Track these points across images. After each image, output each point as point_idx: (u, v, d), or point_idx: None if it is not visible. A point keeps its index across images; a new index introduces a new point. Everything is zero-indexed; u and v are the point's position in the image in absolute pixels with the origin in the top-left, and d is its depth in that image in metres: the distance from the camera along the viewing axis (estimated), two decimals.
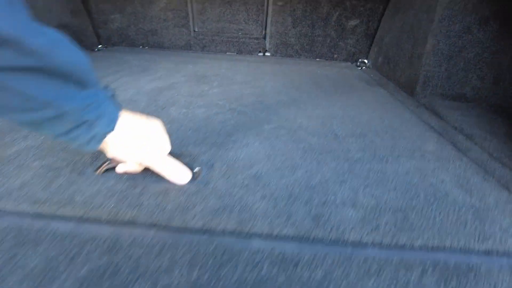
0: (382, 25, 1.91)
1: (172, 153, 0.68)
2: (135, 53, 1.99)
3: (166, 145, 0.64)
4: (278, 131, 0.96)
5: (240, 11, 2.07)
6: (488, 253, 0.54)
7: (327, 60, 2.14)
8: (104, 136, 0.54)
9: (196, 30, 2.14)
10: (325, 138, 0.94)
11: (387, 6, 1.89)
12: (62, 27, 1.78)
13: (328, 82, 1.61)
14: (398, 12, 1.72)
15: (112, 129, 0.55)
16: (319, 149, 0.87)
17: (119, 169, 0.65)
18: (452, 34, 1.30)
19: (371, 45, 2.05)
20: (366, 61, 2.07)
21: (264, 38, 2.14)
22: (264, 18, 2.09)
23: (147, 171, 0.66)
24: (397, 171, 0.78)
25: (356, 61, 2.11)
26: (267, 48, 2.15)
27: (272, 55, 2.15)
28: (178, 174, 0.64)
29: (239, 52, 2.16)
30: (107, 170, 0.67)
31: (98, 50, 2.07)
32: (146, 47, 2.17)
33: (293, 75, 1.71)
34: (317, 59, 2.16)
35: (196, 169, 0.70)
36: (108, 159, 0.66)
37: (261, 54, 2.17)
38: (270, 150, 0.84)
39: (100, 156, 0.73)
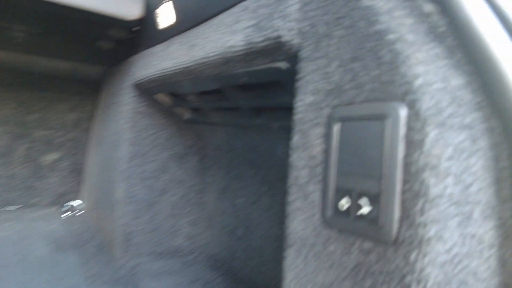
0: (89, 159, 1.54)
1: None
2: None
3: None
4: None
5: None
6: None
7: (22, 206, 1.52)
8: None
9: None
10: None
11: (91, 137, 1.56)
12: None
13: None
14: (99, 144, 1.40)
15: None
16: None
17: None
18: (147, 175, 1.04)
19: (82, 182, 1.62)
20: (76, 203, 1.59)
21: None
22: None
23: None
24: None
25: (66, 203, 1.60)
26: None
27: None
28: None
29: None
30: None
31: None
32: None
33: None
34: (7, 207, 1.50)
35: None
36: None
37: None
38: None
39: None
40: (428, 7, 0.33)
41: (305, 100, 0.42)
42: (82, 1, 0.82)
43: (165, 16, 0.81)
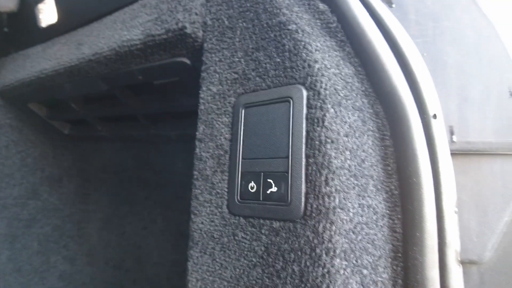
0: None
1: None
2: None
3: None
4: None
5: None
6: None
7: None
8: None
9: None
10: None
11: None
12: None
13: None
14: None
15: None
16: None
17: None
18: (10, 202, 0.86)
19: None
20: None
21: None
22: None
23: None
24: None
25: None
26: None
27: None
28: None
29: None
30: None
31: None
32: None
33: None
34: None
35: None
36: None
37: None
38: None
39: None
40: (322, 6, 0.37)
41: (210, 91, 0.42)
42: None
43: (47, 13, 0.73)
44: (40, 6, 0.74)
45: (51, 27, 0.73)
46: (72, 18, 0.68)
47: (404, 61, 0.35)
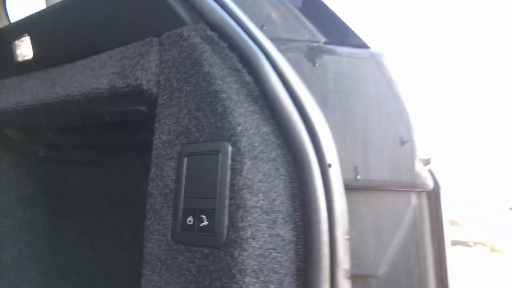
0: None
1: None
2: None
3: None
4: None
5: None
6: None
7: None
8: None
9: None
10: None
11: None
12: None
13: None
14: None
15: None
16: None
17: None
18: None
19: None
20: None
21: None
22: None
23: None
24: None
25: None
26: None
27: None
28: None
29: None
30: None
31: None
32: None
33: None
34: None
35: None
36: None
37: None
38: None
39: None
40: (248, 78, 0.49)
41: (161, 139, 0.52)
42: None
43: (24, 49, 0.82)
44: (17, 42, 0.83)
45: (27, 62, 0.82)
46: (47, 57, 0.77)
47: (308, 122, 0.47)
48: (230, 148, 0.44)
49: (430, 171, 0.55)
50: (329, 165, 0.47)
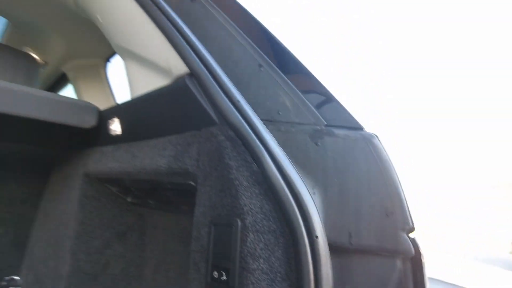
0: (34, 234, 1.70)
1: None
2: None
3: None
4: None
5: None
6: None
7: None
8: None
9: None
10: None
11: (38, 213, 1.73)
12: None
13: None
14: (47, 221, 1.59)
15: None
16: None
17: None
18: (93, 250, 1.26)
19: (23, 257, 1.74)
20: (15, 278, 1.70)
21: None
22: None
23: None
24: None
25: (5, 277, 1.70)
26: None
27: None
28: None
29: None
30: None
31: None
32: None
33: None
34: None
35: None
36: None
37: None
38: None
39: None
40: (255, 167, 0.66)
41: (199, 209, 0.73)
42: (42, 113, 1.10)
43: (115, 127, 1.12)
44: (111, 121, 1.14)
45: (117, 135, 1.11)
46: (129, 134, 1.05)
47: (300, 202, 0.62)
48: (239, 223, 0.62)
49: (413, 240, 0.65)
50: (316, 237, 0.61)
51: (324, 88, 0.79)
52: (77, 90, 2.25)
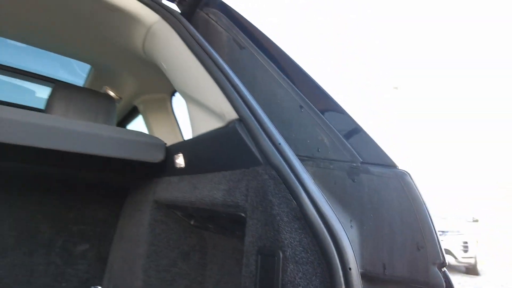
0: (113, 251, 1.95)
1: None
2: None
3: None
4: None
5: None
6: None
7: None
8: None
9: None
10: None
11: (116, 232, 1.98)
12: None
13: None
14: (122, 240, 1.82)
15: None
16: None
17: None
18: (161, 268, 1.43)
19: (105, 270, 2.00)
20: (99, 287, 1.96)
21: None
22: None
23: None
24: None
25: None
26: None
27: None
28: None
29: None
30: None
31: None
32: None
33: None
34: None
35: None
36: None
37: None
38: None
39: None
40: (294, 204, 0.76)
41: (248, 239, 0.84)
42: (120, 152, 1.30)
43: (179, 161, 1.29)
44: (176, 156, 1.31)
45: (181, 168, 1.28)
46: (192, 167, 1.21)
47: (334, 237, 0.70)
48: (281, 255, 0.72)
49: (444, 273, 0.69)
50: (350, 268, 0.69)
51: (359, 126, 0.86)
52: (146, 120, 2.54)
